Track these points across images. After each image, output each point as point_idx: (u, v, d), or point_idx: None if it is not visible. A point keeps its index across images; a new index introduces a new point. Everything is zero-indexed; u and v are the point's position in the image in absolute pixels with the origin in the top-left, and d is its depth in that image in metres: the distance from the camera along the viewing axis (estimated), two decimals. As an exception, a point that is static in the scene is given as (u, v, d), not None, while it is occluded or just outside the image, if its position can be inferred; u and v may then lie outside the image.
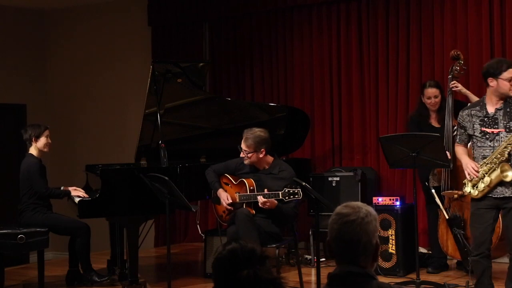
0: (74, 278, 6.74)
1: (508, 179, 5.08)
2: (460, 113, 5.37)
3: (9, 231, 6.37)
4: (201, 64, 7.77)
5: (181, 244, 8.99)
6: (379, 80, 7.86)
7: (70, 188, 6.71)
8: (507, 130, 5.13)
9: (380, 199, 6.86)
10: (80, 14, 10.08)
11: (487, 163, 5.15)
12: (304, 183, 5.26)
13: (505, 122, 5.13)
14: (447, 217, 6.30)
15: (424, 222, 7.12)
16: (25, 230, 6.38)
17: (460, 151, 5.39)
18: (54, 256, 9.08)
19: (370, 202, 6.93)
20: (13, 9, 9.87)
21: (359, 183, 7.38)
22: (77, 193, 6.63)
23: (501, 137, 5.13)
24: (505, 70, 5.14)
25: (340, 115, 8.13)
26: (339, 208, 2.65)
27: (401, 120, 7.54)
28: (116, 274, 6.89)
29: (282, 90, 8.51)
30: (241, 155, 6.12)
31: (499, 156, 5.11)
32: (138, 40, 9.61)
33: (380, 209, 6.74)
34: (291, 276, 6.34)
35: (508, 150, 5.09)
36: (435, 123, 6.66)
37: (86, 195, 6.58)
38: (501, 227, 5.57)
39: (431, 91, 6.61)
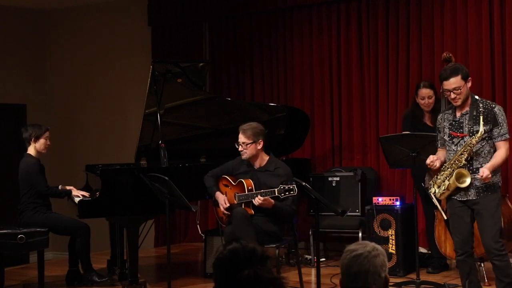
0: (74, 278, 6.74)
1: (464, 185, 5.10)
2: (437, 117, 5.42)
3: (9, 231, 6.37)
4: (201, 64, 7.77)
5: (181, 244, 8.99)
6: (379, 80, 7.86)
7: (70, 187, 6.71)
8: (471, 134, 5.11)
9: (380, 199, 6.86)
10: (80, 14, 10.08)
11: (447, 168, 5.18)
12: (304, 183, 5.26)
13: (469, 126, 5.12)
14: (445, 217, 6.28)
15: (424, 222, 7.12)
16: (25, 230, 6.38)
17: (438, 153, 5.38)
18: (54, 256, 9.08)
19: (370, 202, 6.95)
20: (13, 9, 9.87)
21: (359, 183, 7.38)
22: (78, 193, 6.62)
23: (465, 141, 5.12)
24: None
25: (340, 115, 8.13)
26: (348, 247, 2.82)
27: (401, 120, 7.53)
28: (116, 274, 6.89)
29: (282, 90, 8.51)
30: (240, 149, 6.13)
31: (457, 162, 5.12)
32: (138, 40, 9.61)
33: (380, 209, 6.75)
34: (291, 276, 6.33)
35: (465, 157, 5.09)
36: (429, 123, 6.67)
37: (87, 195, 6.58)
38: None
39: (425, 92, 6.61)
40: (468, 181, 5.09)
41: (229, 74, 8.89)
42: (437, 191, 5.30)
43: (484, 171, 5.01)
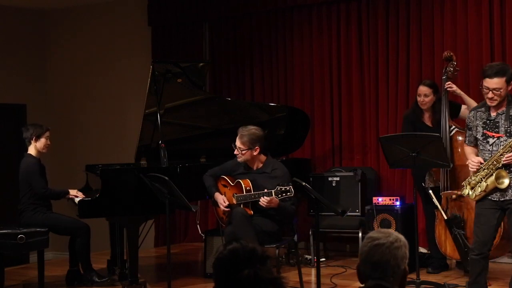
0: (74, 278, 6.74)
1: (503, 186, 5.05)
2: (468, 114, 5.37)
3: (9, 231, 6.37)
4: (201, 64, 7.77)
5: (181, 244, 8.99)
6: (379, 80, 7.86)
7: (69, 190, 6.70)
8: (508, 134, 5.06)
9: (380, 199, 6.86)
10: (80, 14, 10.08)
11: (484, 168, 5.13)
12: (304, 183, 5.25)
13: (506, 127, 5.08)
14: (445, 217, 6.30)
15: (424, 222, 7.11)
16: (25, 230, 6.38)
17: (468, 150, 5.35)
18: (54, 256, 9.08)
19: (370, 202, 6.94)
20: (13, 9, 9.87)
21: (359, 183, 7.38)
22: (75, 193, 6.61)
23: (501, 142, 5.07)
24: None
25: (340, 115, 8.13)
26: (370, 233, 2.76)
27: (401, 120, 7.53)
28: (116, 274, 6.88)
29: (282, 90, 8.51)
30: (235, 152, 6.13)
31: (495, 162, 5.06)
32: (138, 40, 9.61)
33: (380, 209, 6.75)
34: (291, 276, 6.33)
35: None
36: (428, 123, 6.65)
37: (83, 196, 6.56)
38: (502, 226, 5.56)
39: (423, 89, 6.60)
40: (506, 182, 5.03)
41: (229, 74, 8.89)
42: (470, 193, 5.21)
43: None
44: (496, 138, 5.09)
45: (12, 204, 7.44)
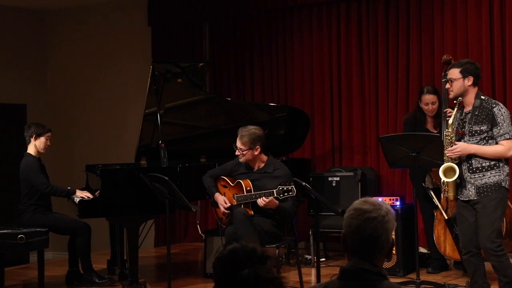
0: (74, 278, 6.74)
1: (449, 180, 5.18)
2: None
3: (9, 231, 6.37)
4: (201, 64, 7.77)
5: (181, 244, 8.99)
6: (379, 80, 7.86)
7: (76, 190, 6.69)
8: (470, 134, 5.15)
9: (380, 199, 6.84)
10: (80, 14, 10.08)
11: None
12: (304, 183, 5.25)
13: (469, 126, 5.16)
14: (446, 217, 6.30)
15: (424, 222, 7.12)
16: (25, 230, 6.38)
17: None
18: (54, 256, 9.08)
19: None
20: (13, 9, 9.87)
21: (359, 183, 7.38)
22: (82, 194, 6.59)
23: (465, 141, 5.18)
24: None
25: (340, 115, 8.13)
26: (358, 204, 2.63)
27: (401, 120, 7.54)
28: (116, 274, 6.89)
29: (282, 90, 8.51)
30: (236, 153, 6.14)
31: (445, 156, 5.23)
32: (138, 40, 9.61)
33: (380, 209, 6.74)
34: (291, 276, 6.34)
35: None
36: (431, 128, 6.64)
37: (90, 196, 6.55)
38: (504, 226, 5.57)
39: (429, 98, 6.58)
40: (455, 176, 5.14)
41: (229, 74, 8.89)
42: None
43: (460, 143, 5.12)
44: (460, 136, 5.21)
45: (12, 204, 7.44)
